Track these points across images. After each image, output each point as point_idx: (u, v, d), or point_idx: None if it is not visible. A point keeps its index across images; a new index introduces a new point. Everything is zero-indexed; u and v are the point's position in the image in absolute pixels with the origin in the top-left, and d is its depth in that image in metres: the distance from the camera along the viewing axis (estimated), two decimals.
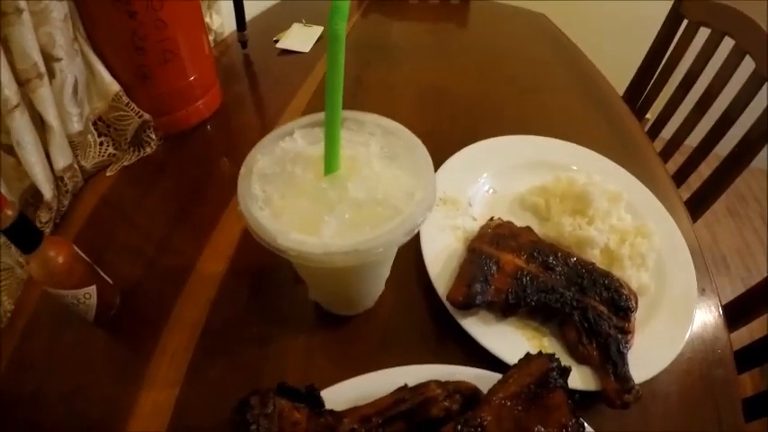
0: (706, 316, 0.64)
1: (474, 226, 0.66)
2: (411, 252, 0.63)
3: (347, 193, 0.41)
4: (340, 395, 0.46)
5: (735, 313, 0.82)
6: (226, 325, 0.59)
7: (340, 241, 0.37)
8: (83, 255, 0.54)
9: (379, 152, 0.45)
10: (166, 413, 0.51)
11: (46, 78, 0.64)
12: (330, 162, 0.41)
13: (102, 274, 0.57)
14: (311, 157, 0.44)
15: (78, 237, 0.69)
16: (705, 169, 1.06)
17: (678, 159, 1.11)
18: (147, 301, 0.62)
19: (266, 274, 0.64)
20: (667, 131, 1.17)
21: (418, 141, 0.46)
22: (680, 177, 1.10)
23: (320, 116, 0.47)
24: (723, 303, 0.80)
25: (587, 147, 0.81)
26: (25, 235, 0.48)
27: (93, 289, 0.54)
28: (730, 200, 1.80)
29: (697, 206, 1.05)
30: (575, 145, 0.81)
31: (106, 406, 0.53)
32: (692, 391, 0.57)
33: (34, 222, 0.67)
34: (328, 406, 0.45)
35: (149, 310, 0.61)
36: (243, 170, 0.43)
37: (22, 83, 0.62)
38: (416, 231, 0.40)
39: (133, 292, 0.62)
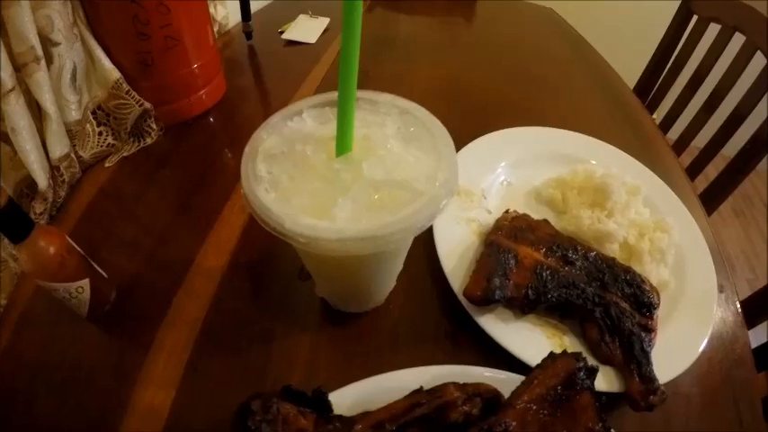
0: (725, 314, 0.60)
1: (489, 219, 0.62)
2: (423, 245, 0.58)
3: (362, 174, 0.36)
4: (349, 399, 0.42)
5: (749, 313, 0.78)
6: (227, 322, 0.54)
7: (356, 226, 0.32)
8: (76, 246, 0.50)
9: (395, 132, 0.40)
10: (163, 414, 0.47)
11: (43, 63, 0.60)
12: (343, 141, 0.36)
13: (96, 267, 0.53)
14: (322, 137, 0.39)
15: (75, 229, 0.64)
16: (711, 171, 1.02)
17: (684, 160, 1.06)
18: (145, 295, 0.57)
19: (270, 268, 0.60)
20: (674, 132, 1.12)
21: (437, 121, 0.41)
22: None
23: (331, 96, 0.42)
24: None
25: (601, 139, 0.77)
26: (15, 223, 0.44)
27: (86, 282, 0.50)
28: (736, 200, 1.76)
29: (704, 208, 1.01)
30: (589, 137, 0.76)
31: (100, 404, 0.49)
32: (713, 391, 0.53)
33: (28, 212, 0.63)
34: (337, 411, 0.40)
35: (147, 305, 0.56)
36: (247, 149, 0.38)
37: (18, 67, 0.59)
38: (437, 216, 0.35)
39: (130, 287, 0.57)
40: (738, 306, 0.61)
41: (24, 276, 0.59)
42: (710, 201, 1.00)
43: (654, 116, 1.23)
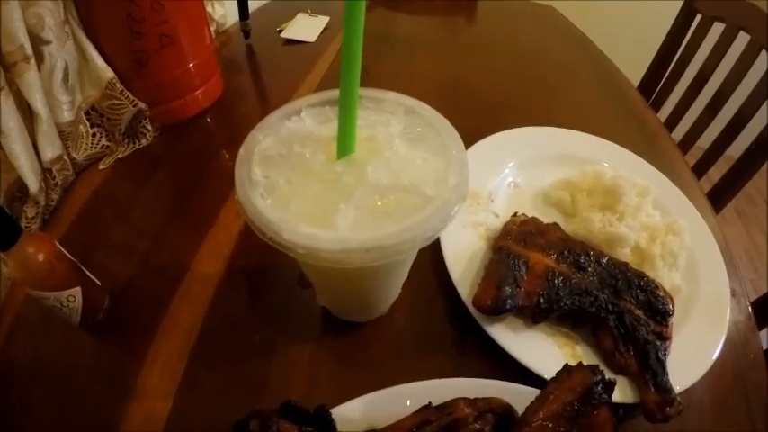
0: (736, 318, 0.57)
1: (496, 223, 0.58)
2: (429, 251, 0.55)
3: (366, 178, 0.32)
4: (353, 414, 0.39)
5: (758, 315, 0.75)
6: (224, 331, 0.51)
7: (360, 235, 0.29)
8: (67, 253, 0.47)
9: (401, 133, 0.37)
10: (159, 427, 0.44)
11: (33, 62, 0.57)
12: (345, 141, 0.33)
13: (88, 274, 0.49)
14: (322, 137, 0.36)
15: (67, 234, 0.61)
16: (714, 172, 0.98)
17: (688, 162, 1.03)
18: (139, 302, 0.54)
19: (268, 274, 0.57)
20: (678, 133, 1.09)
21: (445, 121, 0.38)
22: None
23: (331, 94, 0.39)
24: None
25: (605, 137, 0.73)
26: (1, 230, 0.41)
27: (77, 291, 0.47)
28: (738, 200, 1.74)
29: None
30: (594, 136, 0.73)
31: (93, 415, 0.46)
32: (725, 397, 0.51)
33: (19, 217, 0.60)
34: (340, 428, 0.37)
35: (141, 313, 0.53)
36: (242, 152, 0.35)
37: (7, 67, 0.56)
38: (448, 224, 0.32)
39: (124, 293, 0.54)
40: (750, 309, 0.58)
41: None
42: (715, 202, 0.97)
43: (657, 116, 1.20)
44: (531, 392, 0.39)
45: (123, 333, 0.52)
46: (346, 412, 0.39)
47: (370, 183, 0.32)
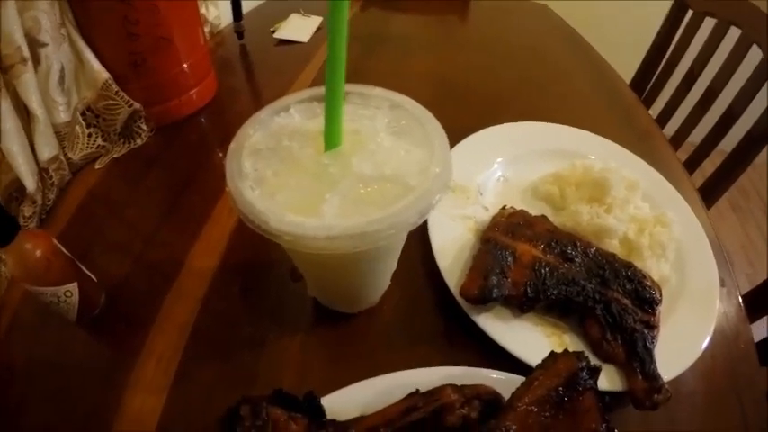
0: (727, 309, 0.58)
1: (486, 216, 0.59)
2: (418, 243, 0.56)
3: (351, 169, 0.34)
4: (342, 402, 0.40)
5: (749, 307, 0.76)
6: (217, 325, 0.52)
7: (344, 222, 0.30)
8: (63, 249, 0.48)
9: (386, 126, 0.38)
10: (153, 420, 0.45)
11: (30, 64, 0.59)
12: (331, 135, 0.34)
13: (84, 270, 0.51)
14: (309, 131, 0.37)
15: (64, 232, 0.62)
16: (708, 166, 0.99)
17: (680, 157, 1.04)
18: (134, 299, 0.55)
19: (261, 269, 0.58)
20: (670, 128, 1.10)
21: (429, 114, 0.39)
22: None
23: (319, 90, 0.40)
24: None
25: (597, 134, 0.74)
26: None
27: (74, 286, 0.48)
28: (733, 195, 1.75)
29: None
30: (585, 132, 0.74)
31: (90, 410, 0.47)
32: (717, 388, 0.51)
33: (17, 216, 0.61)
34: (329, 415, 0.38)
35: (136, 308, 0.54)
36: (232, 146, 0.36)
37: (5, 69, 0.57)
38: (430, 211, 0.33)
39: (120, 290, 0.55)
40: (740, 300, 0.59)
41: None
42: (708, 196, 0.98)
43: (649, 112, 1.21)
44: (518, 380, 0.40)
45: (118, 329, 0.53)
46: (336, 400, 0.40)
47: (354, 174, 0.34)
